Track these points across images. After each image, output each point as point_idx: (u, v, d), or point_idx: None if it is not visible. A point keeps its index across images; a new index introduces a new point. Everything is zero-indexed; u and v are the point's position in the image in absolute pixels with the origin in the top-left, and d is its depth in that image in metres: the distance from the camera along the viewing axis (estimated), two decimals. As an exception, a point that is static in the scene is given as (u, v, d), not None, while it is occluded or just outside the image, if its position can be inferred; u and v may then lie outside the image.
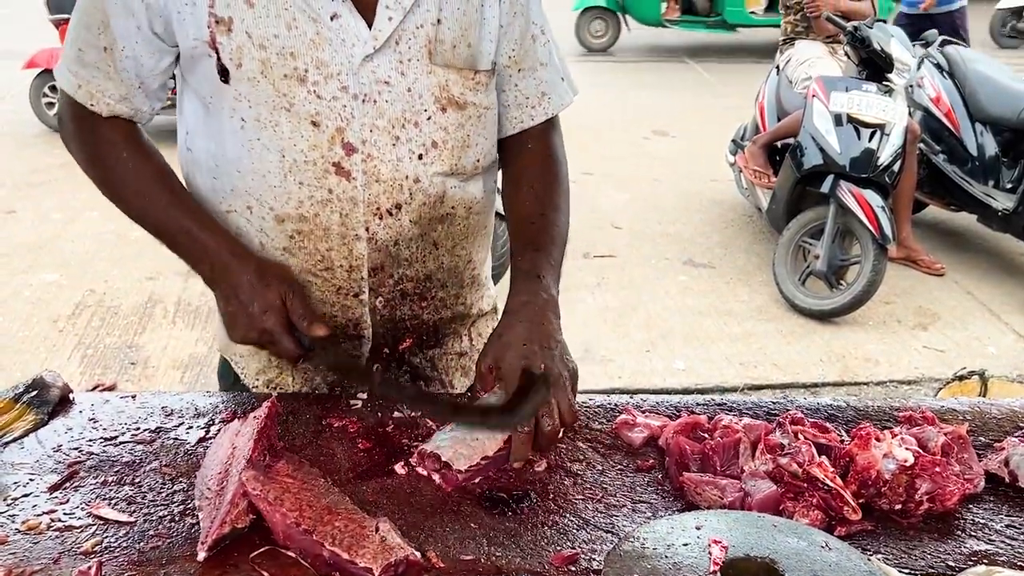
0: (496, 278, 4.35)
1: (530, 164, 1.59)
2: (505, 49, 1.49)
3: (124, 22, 1.34)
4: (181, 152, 1.50)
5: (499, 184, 1.66)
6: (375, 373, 1.38)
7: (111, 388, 1.55)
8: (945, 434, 1.35)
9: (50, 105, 8.01)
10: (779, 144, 5.66)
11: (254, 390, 1.60)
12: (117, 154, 1.43)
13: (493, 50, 1.46)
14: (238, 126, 1.36)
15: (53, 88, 7.95)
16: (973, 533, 1.22)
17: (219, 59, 1.33)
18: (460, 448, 1.28)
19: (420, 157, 1.42)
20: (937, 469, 1.25)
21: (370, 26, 1.34)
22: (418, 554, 1.09)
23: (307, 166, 1.38)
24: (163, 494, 1.23)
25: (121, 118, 1.42)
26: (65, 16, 7.27)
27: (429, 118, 1.41)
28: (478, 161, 1.50)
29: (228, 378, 1.64)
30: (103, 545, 1.12)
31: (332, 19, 1.33)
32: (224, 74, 1.34)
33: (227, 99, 1.35)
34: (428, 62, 1.39)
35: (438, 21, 1.38)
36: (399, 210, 1.44)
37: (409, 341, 1.58)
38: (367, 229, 1.43)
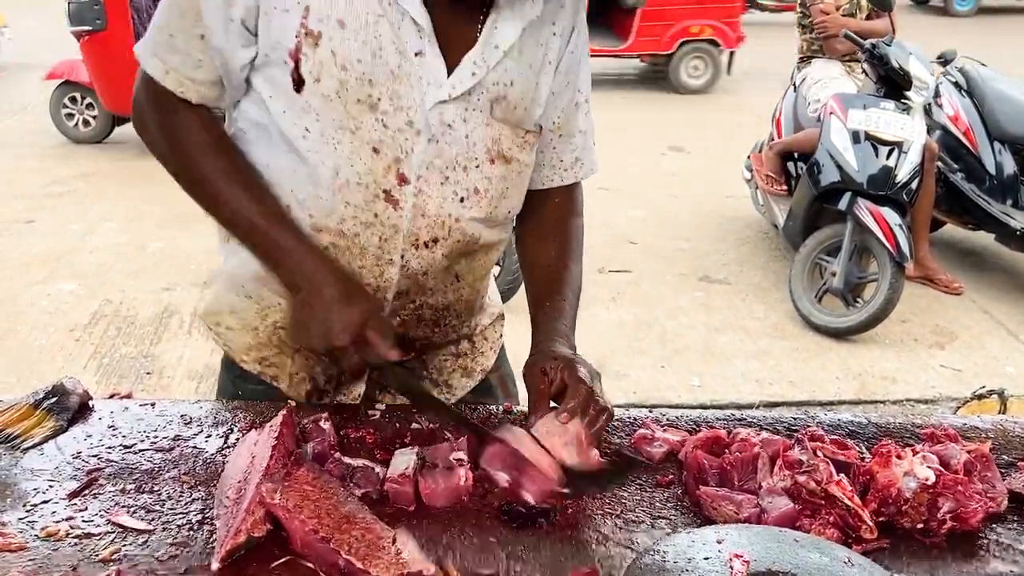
0: (508, 295, 4.37)
1: (554, 216, 1.64)
2: (551, 114, 1.54)
3: (216, 12, 1.34)
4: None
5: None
6: (447, 406, 1.44)
7: (127, 397, 1.55)
8: (968, 452, 1.34)
9: (70, 116, 8.08)
10: (795, 154, 5.64)
11: (242, 364, 1.61)
12: (199, 143, 1.42)
13: (539, 114, 1.50)
14: (300, 134, 1.37)
15: (73, 99, 8.03)
16: (997, 554, 1.20)
17: (297, 69, 1.33)
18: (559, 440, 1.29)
19: (462, 200, 1.45)
20: (960, 487, 1.23)
21: (450, 69, 1.36)
22: (433, 568, 1.08)
23: (359, 188, 1.39)
24: (182, 503, 1.23)
25: (203, 106, 1.42)
26: (86, 28, 7.33)
27: (478, 166, 1.44)
28: (509, 212, 1.55)
29: (227, 384, 1.66)
30: (121, 553, 1.12)
31: (416, 55, 1.34)
32: (299, 84, 1.34)
33: (294, 107, 1.35)
34: (489, 115, 1.42)
35: (511, 83, 1.42)
36: (435, 244, 1.46)
37: (412, 354, 1.61)
38: (402, 256, 1.45)
